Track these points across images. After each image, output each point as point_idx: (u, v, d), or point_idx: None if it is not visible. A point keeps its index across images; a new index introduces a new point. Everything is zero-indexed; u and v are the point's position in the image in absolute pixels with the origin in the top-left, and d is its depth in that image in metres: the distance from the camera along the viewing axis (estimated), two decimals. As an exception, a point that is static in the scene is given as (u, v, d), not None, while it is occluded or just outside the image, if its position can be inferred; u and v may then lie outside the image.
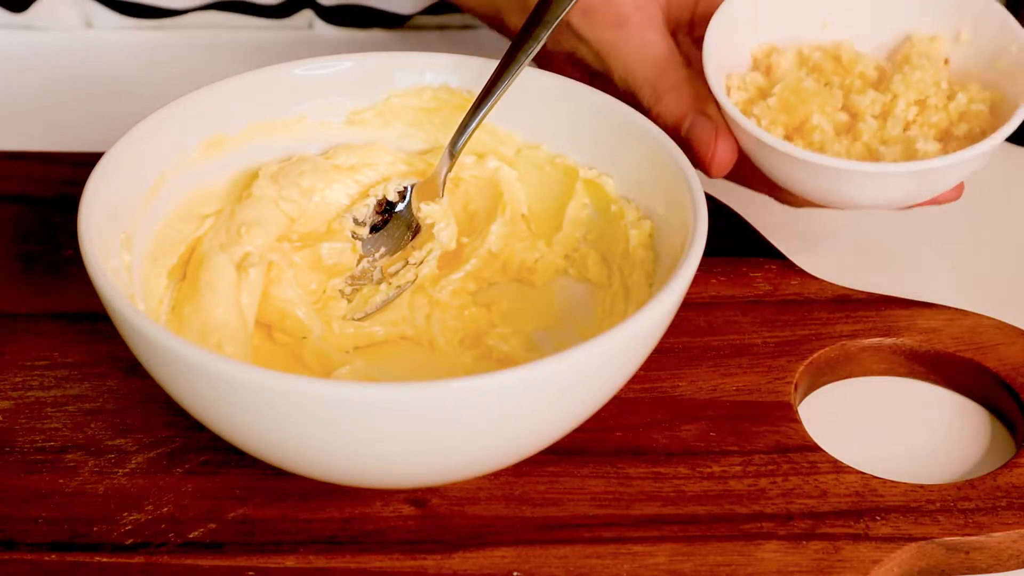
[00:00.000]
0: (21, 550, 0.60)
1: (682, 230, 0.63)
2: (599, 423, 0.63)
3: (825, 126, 0.68)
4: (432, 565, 0.60)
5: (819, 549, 0.60)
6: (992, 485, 0.63)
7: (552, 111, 0.71)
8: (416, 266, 0.70)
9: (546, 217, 0.72)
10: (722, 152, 0.68)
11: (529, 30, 0.68)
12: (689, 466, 0.64)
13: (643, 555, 0.60)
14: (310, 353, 0.66)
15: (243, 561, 0.60)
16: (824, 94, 0.69)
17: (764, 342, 0.70)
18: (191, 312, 0.65)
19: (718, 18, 0.69)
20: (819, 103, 0.68)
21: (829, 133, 0.68)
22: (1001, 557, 0.62)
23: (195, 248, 0.68)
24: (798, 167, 0.66)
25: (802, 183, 0.68)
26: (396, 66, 0.72)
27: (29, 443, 0.64)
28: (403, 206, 0.71)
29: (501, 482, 0.63)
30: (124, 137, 0.65)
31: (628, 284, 0.67)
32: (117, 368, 0.67)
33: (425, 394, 0.54)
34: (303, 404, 0.54)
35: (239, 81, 0.69)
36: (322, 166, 0.71)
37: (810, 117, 0.68)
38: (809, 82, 0.69)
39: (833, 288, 0.73)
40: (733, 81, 0.70)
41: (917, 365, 0.71)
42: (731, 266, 0.74)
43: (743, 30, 0.71)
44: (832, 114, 0.68)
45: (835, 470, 0.64)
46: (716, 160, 0.68)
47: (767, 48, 0.72)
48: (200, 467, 0.63)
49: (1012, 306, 0.74)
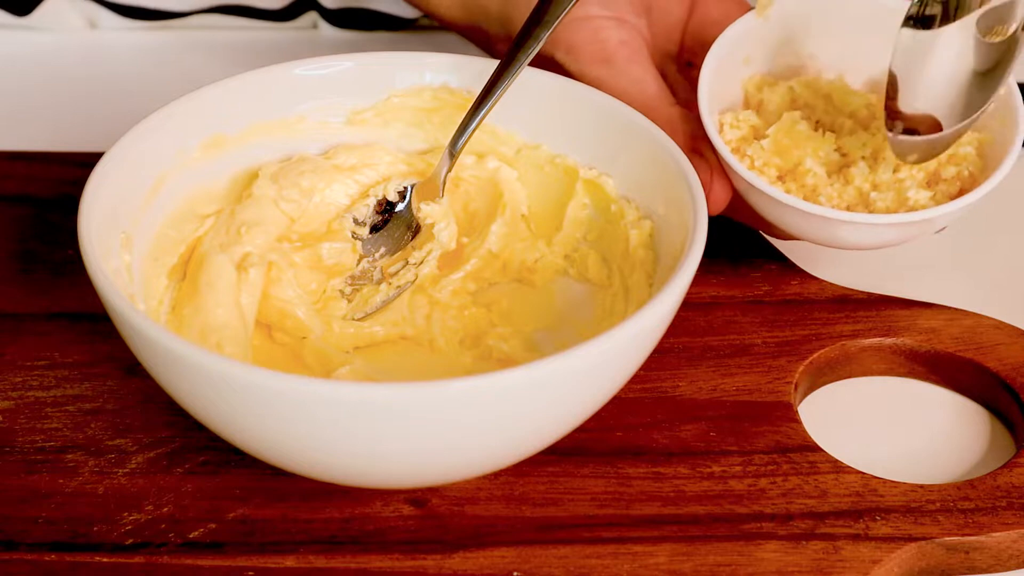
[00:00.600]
0: (21, 550, 0.60)
1: (682, 230, 0.63)
2: (599, 423, 0.63)
3: (818, 170, 0.68)
4: (432, 565, 0.60)
5: (819, 549, 0.60)
6: (992, 485, 0.63)
7: (552, 111, 0.71)
8: (416, 266, 0.70)
9: (546, 217, 0.72)
10: (718, 192, 0.69)
11: (529, 30, 0.68)
12: (689, 466, 0.64)
13: (643, 555, 0.60)
14: (310, 353, 0.66)
15: (243, 561, 0.60)
16: (817, 139, 0.69)
17: (764, 342, 0.70)
18: (191, 312, 0.65)
19: (711, 58, 0.70)
20: (812, 147, 0.69)
21: (822, 177, 0.68)
22: (1001, 557, 0.62)
23: (195, 248, 0.68)
24: (790, 213, 0.67)
25: (795, 227, 0.69)
26: (396, 66, 0.72)
27: (29, 443, 0.64)
28: (403, 206, 0.71)
29: (501, 482, 0.63)
30: (124, 137, 0.65)
31: (628, 284, 0.67)
32: (117, 368, 0.67)
33: (425, 394, 0.54)
34: (303, 404, 0.54)
35: (239, 81, 0.69)
36: (322, 166, 0.71)
37: (803, 161, 0.69)
38: (803, 125, 0.70)
39: (833, 288, 0.73)
40: (726, 119, 0.70)
41: (917, 365, 0.71)
42: (731, 266, 0.74)
43: (735, 65, 0.72)
44: (825, 158, 0.69)
45: (835, 470, 0.64)
46: (712, 200, 0.69)
47: (758, 80, 0.72)
48: (200, 467, 0.63)
49: (1012, 306, 0.74)
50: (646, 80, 0.71)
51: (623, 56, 0.71)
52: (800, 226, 0.68)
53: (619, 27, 0.72)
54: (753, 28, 0.72)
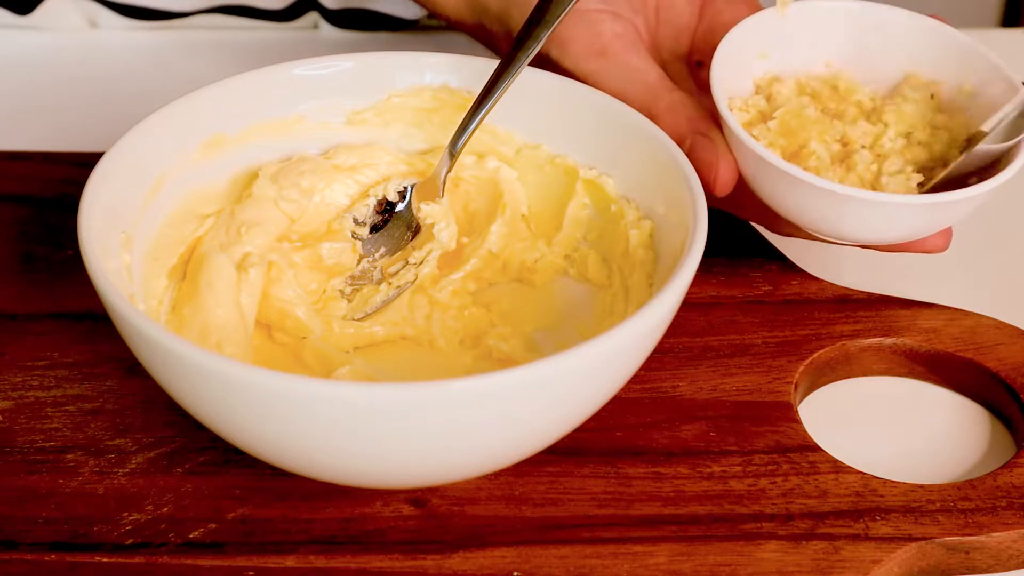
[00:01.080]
0: (21, 550, 0.60)
1: (682, 230, 0.63)
2: (599, 423, 0.63)
3: (822, 153, 0.68)
4: (432, 565, 0.60)
5: (819, 549, 0.60)
6: (992, 485, 0.63)
7: (552, 111, 0.71)
8: (416, 266, 0.70)
9: (546, 217, 0.72)
10: (725, 171, 0.68)
11: (529, 30, 0.68)
12: (689, 466, 0.64)
13: (643, 555, 0.60)
14: (310, 353, 0.66)
15: (243, 561, 0.60)
16: (824, 122, 0.69)
17: (764, 342, 0.70)
18: (191, 312, 0.65)
19: (725, 44, 0.70)
20: (819, 130, 0.69)
21: (825, 160, 0.68)
22: (1001, 557, 0.62)
23: (195, 248, 0.68)
24: (799, 190, 0.66)
25: (797, 207, 0.67)
26: (396, 66, 0.72)
27: (29, 443, 0.64)
28: (403, 206, 0.71)
29: (501, 482, 0.63)
30: (124, 137, 0.65)
31: (628, 284, 0.67)
32: (117, 368, 0.67)
33: (425, 394, 0.54)
34: (303, 404, 0.54)
35: (239, 81, 0.69)
36: (322, 166, 0.71)
37: (808, 143, 0.68)
38: (811, 110, 0.69)
39: (833, 288, 0.73)
40: (735, 103, 0.70)
41: (917, 365, 0.71)
42: (731, 266, 0.74)
43: (748, 58, 0.72)
44: (830, 143, 0.69)
45: (835, 470, 0.64)
46: (720, 179, 0.68)
47: (770, 77, 0.72)
48: (200, 467, 0.63)
49: (1012, 306, 0.74)
50: (644, 68, 0.71)
51: (618, 48, 0.71)
52: (804, 207, 0.67)
53: (614, 20, 0.72)
54: (771, 23, 0.72)
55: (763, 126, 0.69)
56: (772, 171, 0.66)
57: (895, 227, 0.67)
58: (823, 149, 0.68)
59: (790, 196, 0.67)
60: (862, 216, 0.66)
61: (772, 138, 0.69)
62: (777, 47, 0.73)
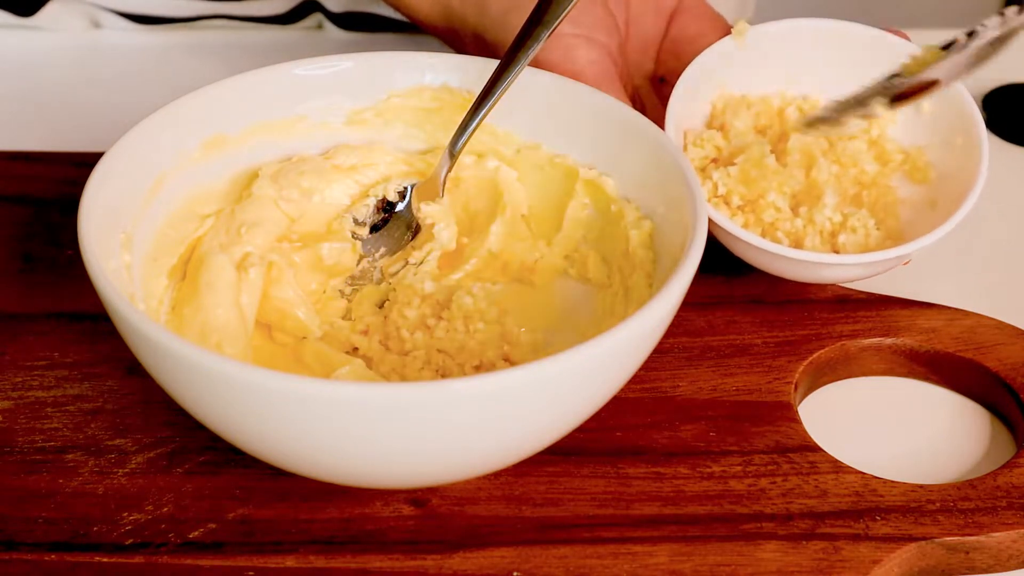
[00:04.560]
0: (21, 550, 0.60)
1: (682, 230, 0.63)
2: (599, 423, 0.63)
3: (780, 204, 0.70)
4: (432, 565, 0.60)
5: (819, 549, 0.60)
6: (992, 485, 0.63)
7: (552, 111, 0.71)
8: (416, 266, 0.70)
9: (546, 217, 0.72)
10: None
11: (529, 30, 0.68)
12: (689, 466, 0.64)
13: (643, 555, 0.60)
14: (310, 353, 0.66)
15: (243, 561, 0.60)
16: (783, 174, 0.71)
17: (764, 342, 0.70)
18: (191, 312, 0.65)
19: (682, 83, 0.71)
20: (778, 182, 0.70)
21: (785, 212, 0.70)
22: (1001, 557, 0.62)
23: (195, 248, 0.68)
24: (741, 247, 0.69)
25: (752, 260, 0.70)
26: (396, 66, 0.72)
27: (29, 443, 0.64)
28: (403, 206, 0.71)
29: (501, 482, 0.63)
30: (124, 137, 0.65)
31: (628, 284, 0.67)
32: (117, 368, 0.67)
33: (425, 394, 0.54)
34: (303, 404, 0.54)
35: (239, 81, 0.69)
36: (322, 166, 0.71)
37: (767, 194, 0.70)
38: (771, 159, 0.71)
39: (833, 288, 0.73)
40: (690, 137, 0.71)
41: (917, 365, 0.71)
42: (731, 266, 0.74)
43: (707, 91, 0.73)
44: (788, 195, 0.70)
45: (835, 470, 0.64)
46: None
47: (725, 98, 0.74)
48: (200, 467, 0.63)
49: (1012, 306, 0.74)
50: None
51: (590, 75, 0.72)
52: (758, 262, 0.70)
53: (589, 47, 0.72)
54: (729, 52, 0.73)
55: (723, 171, 0.70)
56: (720, 230, 0.68)
57: (850, 274, 0.69)
58: (781, 200, 0.70)
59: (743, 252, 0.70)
60: (814, 271, 0.69)
61: (732, 185, 0.70)
62: (734, 76, 0.74)
